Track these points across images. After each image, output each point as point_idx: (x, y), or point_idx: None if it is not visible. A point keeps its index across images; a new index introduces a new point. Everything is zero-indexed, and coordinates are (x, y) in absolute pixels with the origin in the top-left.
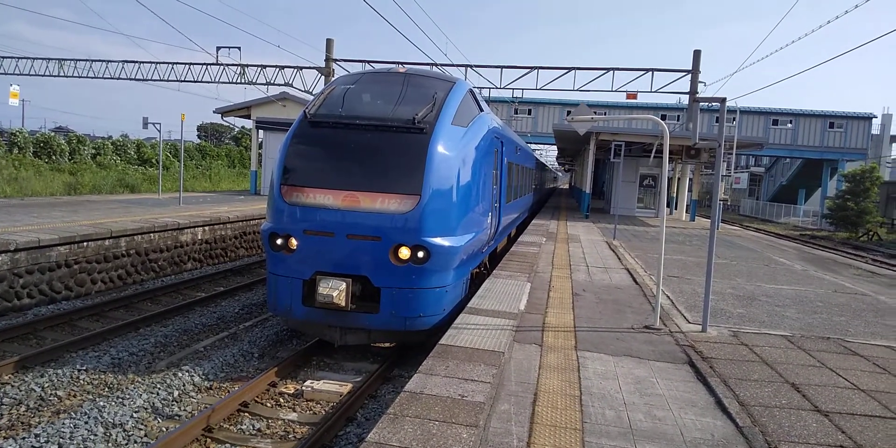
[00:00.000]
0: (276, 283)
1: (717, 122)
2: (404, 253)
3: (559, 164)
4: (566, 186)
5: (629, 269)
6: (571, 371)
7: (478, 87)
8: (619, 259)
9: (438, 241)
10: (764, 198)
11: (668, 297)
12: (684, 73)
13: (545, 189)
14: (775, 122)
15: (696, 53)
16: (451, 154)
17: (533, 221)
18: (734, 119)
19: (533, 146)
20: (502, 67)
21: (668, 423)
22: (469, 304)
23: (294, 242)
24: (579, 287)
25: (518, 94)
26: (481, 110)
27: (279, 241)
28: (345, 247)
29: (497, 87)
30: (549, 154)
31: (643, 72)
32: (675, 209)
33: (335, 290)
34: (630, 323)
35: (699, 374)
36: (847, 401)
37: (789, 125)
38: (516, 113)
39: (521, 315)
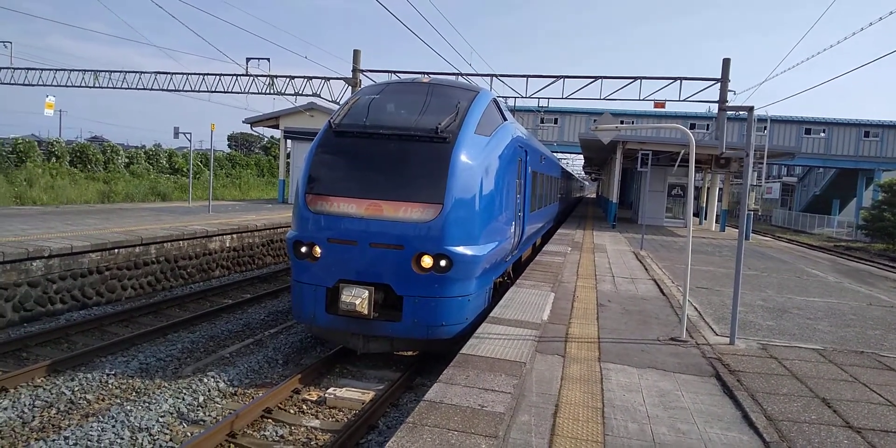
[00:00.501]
0: (301, 290)
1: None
2: (427, 261)
3: (586, 173)
4: (593, 196)
5: (656, 280)
6: (594, 383)
7: (503, 97)
8: (646, 269)
9: (461, 249)
10: (797, 208)
11: (695, 308)
12: (713, 82)
13: (571, 198)
14: (808, 131)
15: (726, 62)
16: (474, 163)
17: (558, 231)
18: (765, 128)
19: (559, 155)
20: (528, 76)
21: (692, 437)
22: (491, 314)
23: (318, 250)
24: (604, 298)
25: (544, 103)
26: (505, 120)
27: (303, 249)
28: (368, 255)
29: (523, 97)
30: (575, 163)
31: (671, 80)
32: (705, 219)
33: (358, 298)
34: (656, 335)
35: (725, 388)
36: (881, 417)
37: (822, 134)
38: (542, 122)
39: (543, 325)
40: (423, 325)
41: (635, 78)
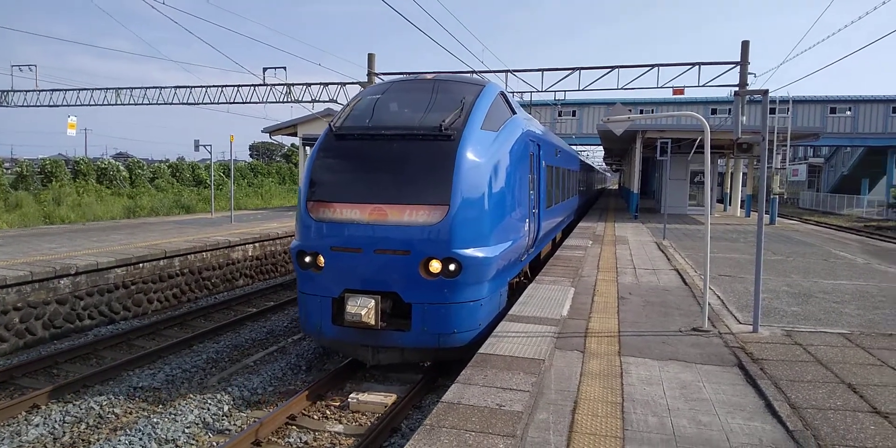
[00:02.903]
0: (306, 302)
1: (772, 113)
2: (435, 266)
3: (606, 164)
4: (615, 187)
5: (678, 270)
6: (614, 377)
7: (518, 92)
8: (669, 260)
9: (470, 252)
10: (824, 189)
11: (718, 297)
12: (732, 65)
13: (592, 191)
14: (833, 111)
15: (745, 44)
16: (481, 160)
17: (579, 224)
18: (787, 110)
19: (579, 147)
20: (543, 70)
21: (713, 428)
22: (510, 312)
23: (322, 260)
24: (625, 290)
25: (560, 96)
26: (514, 113)
27: (307, 259)
28: (373, 262)
29: (539, 91)
30: (595, 155)
31: (689, 66)
32: (730, 205)
33: (363, 308)
34: (678, 326)
35: (748, 377)
36: None
37: (848, 113)
38: (560, 115)
39: (563, 321)
40: (434, 334)
41: (652, 66)
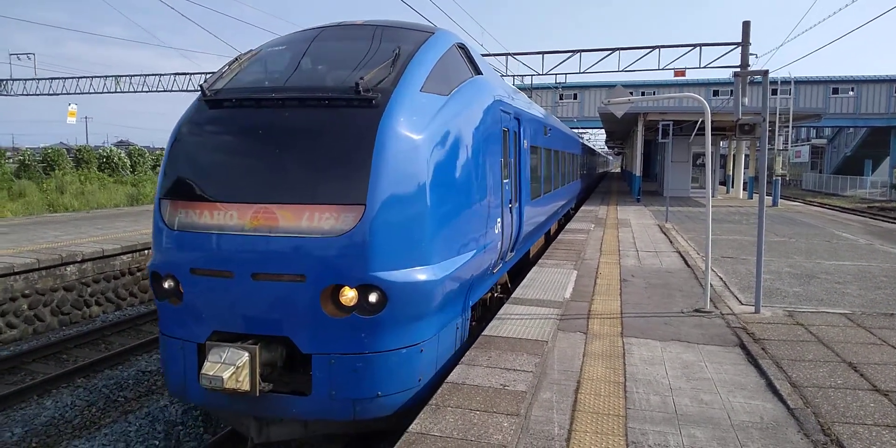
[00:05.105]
0: (166, 347)
1: (773, 94)
2: (347, 297)
3: (608, 147)
4: (617, 170)
5: (681, 252)
6: (616, 358)
7: (519, 75)
8: (671, 242)
9: (401, 274)
10: (827, 171)
11: (720, 278)
12: (734, 46)
13: (594, 174)
14: (835, 91)
15: (746, 25)
16: (420, 136)
17: (581, 208)
18: (789, 91)
19: (580, 131)
20: (543, 53)
21: (714, 407)
22: (513, 295)
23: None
24: (628, 273)
25: (561, 79)
26: (478, 73)
27: (166, 285)
28: (252, 293)
29: (539, 74)
30: (598, 138)
31: (691, 47)
32: (732, 187)
33: (229, 368)
34: (680, 307)
35: (750, 357)
36: None
37: (851, 93)
38: (561, 99)
39: (566, 303)
40: (346, 400)
41: (653, 47)
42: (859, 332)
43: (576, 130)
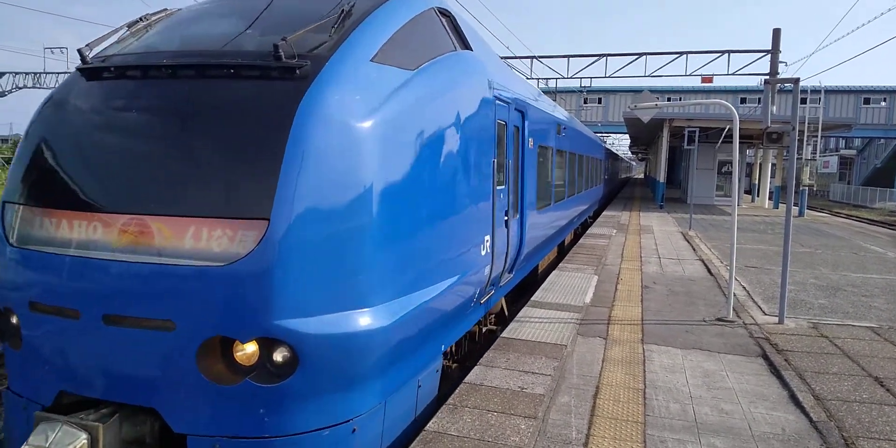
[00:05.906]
0: (8, 406)
1: (802, 103)
2: (247, 353)
3: (632, 152)
4: (640, 176)
5: (704, 261)
6: (636, 364)
7: (544, 78)
8: (694, 250)
9: (322, 322)
10: (856, 182)
11: (744, 288)
12: (763, 54)
13: (617, 180)
14: (867, 101)
15: (776, 32)
16: (365, 122)
17: (603, 213)
18: (819, 100)
19: (604, 135)
20: (569, 56)
21: (735, 416)
22: (532, 298)
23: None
24: (649, 279)
25: (586, 83)
26: (465, 47)
27: (9, 321)
28: (103, 342)
29: (564, 77)
30: (621, 143)
31: (719, 54)
32: (758, 196)
33: None
34: (702, 315)
35: (773, 367)
36: None
37: (883, 103)
38: (586, 102)
39: (586, 308)
40: None
41: (681, 53)
42: (886, 346)
43: (599, 134)
